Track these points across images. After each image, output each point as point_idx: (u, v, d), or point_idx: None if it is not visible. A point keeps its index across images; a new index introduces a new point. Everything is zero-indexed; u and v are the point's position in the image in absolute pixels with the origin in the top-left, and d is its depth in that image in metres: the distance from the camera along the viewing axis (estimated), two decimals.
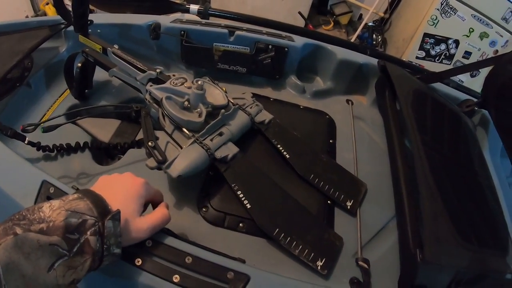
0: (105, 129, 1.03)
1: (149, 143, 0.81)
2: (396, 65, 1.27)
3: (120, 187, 0.62)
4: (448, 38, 2.87)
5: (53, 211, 0.49)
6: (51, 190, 0.70)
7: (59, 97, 1.13)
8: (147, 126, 0.86)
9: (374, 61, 1.33)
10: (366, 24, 3.14)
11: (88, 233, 0.50)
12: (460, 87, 1.53)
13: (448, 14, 2.77)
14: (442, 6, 2.74)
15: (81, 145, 0.95)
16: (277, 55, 1.23)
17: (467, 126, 1.28)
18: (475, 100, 1.37)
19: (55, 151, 0.93)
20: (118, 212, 0.54)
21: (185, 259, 0.64)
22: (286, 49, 1.25)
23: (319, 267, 0.79)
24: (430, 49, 2.94)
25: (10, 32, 1.15)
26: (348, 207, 0.94)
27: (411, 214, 0.89)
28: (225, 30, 1.23)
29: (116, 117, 1.07)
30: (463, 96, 1.40)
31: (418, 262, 0.76)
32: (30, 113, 1.07)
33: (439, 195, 0.88)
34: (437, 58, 2.96)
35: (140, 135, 1.02)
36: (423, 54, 2.94)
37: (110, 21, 1.25)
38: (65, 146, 0.93)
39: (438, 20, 2.79)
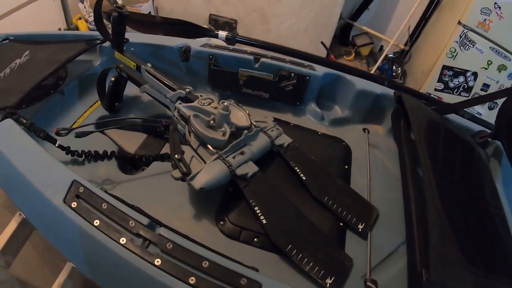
0: (131, 141, 1.10)
1: (176, 156, 0.88)
2: (411, 96, 1.32)
3: None
4: (467, 71, 2.89)
5: None
6: (81, 189, 0.77)
7: (90, 107, 1.22)
8: (174, 140, 0.93)
9: (391, 92, 1.38)
10: (386, 55, 3.19)
11: None
12: (474, 119, 1.56)
13: (467, 47, 2.80)
14: (461, 39, 2.78)
15: (108, 153, 1.01)
16: (298, 82, 1.30)
17: (480, 156, 1.31)
18: (488, 131, 1.41)
19: (83, 157, 1.01)
20: None
21: (202, 263, 0.68)
22: (307, 77, 1.31)
23: (328, 285, 0.83)
24: (449, 81, 2.95)
25: (46, 42, 1.25)
26: (360, 229, 0.98)
27: (419, 237, 0.93)
28: (251, 57, 1.30)
29: (143, 130, 1.15)
30: (477, 127, 1.44)
31: (423, 282, 0.79)
32: (61, 119, 1.16)
33: (447, 220, 0.92)
34: (456, 90, 2.97)
35: (165, 150, 1.09)
36: (441, 86, 2.96)
37: (143, 41, 1.34)
38: (93, 152, 1.00)
39: (457, 53, 2.82)
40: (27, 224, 1.10)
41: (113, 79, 1.14)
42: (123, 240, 0.69)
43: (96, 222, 0.72)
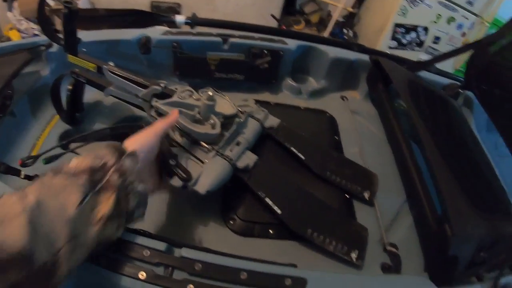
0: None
1: (171, 162, 0.77)
2: (387, 59, 1.31)
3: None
4: (418, 26, 2.96)
5: (79, 160, 0.56)
6: None
7: (48, 123, 1.07)
8: (164, 144, 0.81)
9: (363, 56, 1.38)
10: (336, 20, 3.19)
11: (109, 172, 0.56)
12: (441, 72, 1.60)
13: (416, 3, 2.87)
14: None
15: None
16: (272, 59, 1.25)
17: (455, 107, 1.35)
18: (458, 83, 1.45)
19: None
20: (134, 151, 0.62)
21: (239, 276, 0.63)
22: (281, 52, 1.27)
23: (354, 259, 0.82)
24: (402, 38, 3.02)
25: None
26: (367, 197, 0.99)
27: (425, 195, 0.96)
28: (219, 38, 1.23)
29: (113, 139, 1.01)
30: (444, 80, 1.48)
31: (449, 237, 0.80)
32: (19, 144, 0.99)
33: (450, 172, 0.94)
34: (409, 46, 3.05)
35: None
36: (395, 43, 3.02)
37: (95, 39, 1.19)
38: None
39: (407, 10, 2.88)
40: None
41: (70, 87, 1.01)
42: (142, 275, 0.60)
43: (102, 261, 0.62)
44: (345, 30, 3.25)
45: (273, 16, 2.96)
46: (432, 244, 0.91)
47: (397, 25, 2.95)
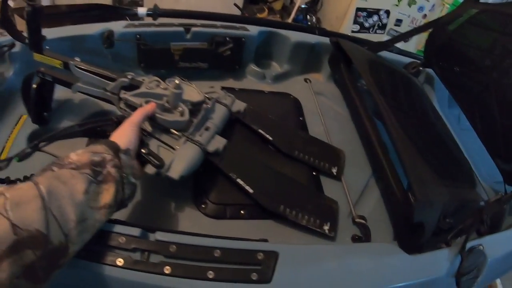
0: (73, 150, 0.96)
1: (143, 150, 0.79)
2: (347, 40, 1.35)
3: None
4: (379, 10, 3.02)
5: (78, 156, 0.61)
6: None
7: (16, 125, 1.04)
8: None
9: (323, 39, 1.41)
10: (299, 7, 3.23)
11: (108, 166, 0.62)
12: (402, 52, 1.66)
13: None
14: None
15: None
16: (235, 45, 1.27)
17: (416, 85, 1.41)
18: (418, 62, 1.51)
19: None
20: (128, 148, 0.70)
21: (213, 254, 0.65)
22: (243, 39, 1.29)
23: (327, 231, 0.87)
24: (364, 22, 3.08)
25: None
26: (334, 173, 1.03)
27: (390, 167, 1.01)
28: (181, 28, 1.23)
29: (82, 135, 0.97)
30: (405, 59, 1.54)
31: (412, 204, 0.86)
32: None
33: (412, 145, 1.00)
34: (371, 29, 3.12)
35: None
36: (357, 27, 3.08)
37: (58, 35, 1.18)
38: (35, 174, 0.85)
39: None
40: None
41: (35, 86, 0.98)
42: (120, 262, 0.61)
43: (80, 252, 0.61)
44: (308, 16, 3.29)
45: (236, 5, 2.96)
46: (398, 213, 0.97)
47: (359, 9, 3.00)
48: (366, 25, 3.09)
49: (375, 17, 3.07)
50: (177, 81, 0.88)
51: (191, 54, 1.26)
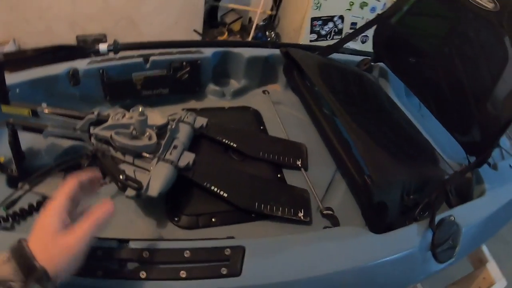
0: (51, 186, 0.92)
1: (121, 177, 0.86)
2: (296, 49, 1.46)
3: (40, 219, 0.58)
4: (333, 16, 3.17)
5: None
6: None
7: None
8: (111, 164, 0.91)
9: (276, 51, 1.51)
10: (257, 25, 3.35)
11: None
12: (354, 52, 1.78)
13: None
14: None
15: (35, 205, 0.92)
16: (192, 69, 1.35)
17: (369, 80, 1.53)
18: (369, 58, 1.63)
19: (10, 220, 0.88)
20: (42, 272, 0.50)
21: (184, 255, 0.71)
22: (198, 61, 1.37)
23: (302, 217, 0.96)
24: (320, 30, 3.22)
25: None
26: (299, 165, 1.13)
27: (349, 158, 1.10)
28: (140, 59, 1.31)
29: (61, 172, 1.01)
30: (358, 58, 1.67)
31: (370, 186, 0.95)
32: None
33: (366, 135, 1.09)
34: (329, 36, 3.26)
35: None
36: (315, 36, 3.22)
37: (27, 78, 1.21)
38: (18, 212, 0.89)
39: (321, 3, 3.08)
40: None
41: (9, 139, 1.00)
42: (99, 273, 0.67)
43: None
44: (267, 33, 3.42)
45: (196, 31, 3.07)
46: (362, 198, 1.05)
47: (314, 19, 3.14)
48: (323, 32, 3.23)
49: (330, 24, 3.21)
50: (140, 109, 0.93)
51: (152, 82, 1.33)
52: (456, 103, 1.24)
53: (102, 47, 1.46)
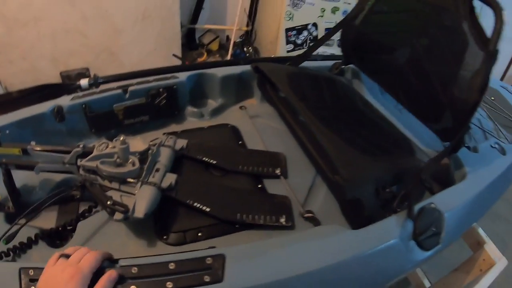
0: (47, 218, 1.08)
1: (108, 202, 0.94)
2: (265, 62, 1.54)
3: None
4: (307, 25, 3.26)
5: None
6: (31, 272, 0.77)
7: None
8: (98, 191, 0.99)
9: (249, 67, 1.58)
10: (234, 42, 3.45)
11: None
12: (326, 58, 1.87)
13: (299, 5, 3.18)
14: (292, 1, 3.14)
15: (33, 238, 0.99)
16: (168, 94, 1.43)
17: (341, 83, 1.60)
18: (339, 61, 1.72)
19: (12, 254, 0.95)
20: None
21: (168, 266, 0.77)
22: (174, 86, 1.45)
23: (284, 223, 1.01)
24: (296, 40, 3.32)
25: None
26: (278, 173, 1.19)
27: (323, 160, 1.17)
28: (119, 90, 1.38)
29: (53, 204, 1.09)
30: (332, 63, 1.75)
31: (341, 185, 1.01)
32: None
33: (336, 136, 1.15)
34: (305, 44, 3.36)
35: (82, 208, 1.08)
36: (291, 46, 3.32)
37: (15, 119, 1.27)
38: (18, 245, 0.96)
39: (293, 14, 3.18)
40: None
41: (3, 179, 1.08)
42: None
43: None
44: (245, 49, 3.51)
45: (175, 56, 3.15)
46: (338, 197, 1.12)
47: (288, 30, 3.24)
48: (299, 42, 3.33)
49: (305, 33, 3.30)
50: (121, 138, 1.01)
51: (132, 111, 1.40)
52: (425, 92, 1.29)
53: (83, 82, 1.54)
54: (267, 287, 0.80)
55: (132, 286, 0.74)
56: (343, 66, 1.73)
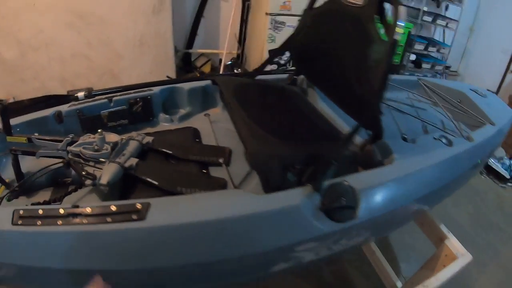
0: (44, 197, 1.38)
1: (83, 173, 1.29)
2: (223, 76, 1.88)
3: None
4: None
5: None
6: (21, 212, 1.06)
7: None
8: (78, 167, 1.34)
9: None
10: (225, 64, 3.83)
11: None
12: (283, 71, 2.16)
13: (280, 28, 3.54)
14: (273, 24, 3.49)
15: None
16: (144, 103, 1.80)
17: (291, 90, 1.90)
18: (292, 73, 2.01)
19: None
20: None
21: (110, 208, 1.06)
22: (149, 97, 1.81)
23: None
24: (279, 60, 3.61)
25: None
26: (222, 162, 1.50)
27: (244, 145, 1.46)
28: (106, 100, 1.75)
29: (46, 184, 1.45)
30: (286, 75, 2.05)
31: (246, 157, 1.30)
32: None
33: (261, 130, 1.42)
34: (288, 64, 3.61)
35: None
36: (275, 67, 3.61)
37: (23, 120, 1.62)
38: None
39: (274, 36, 3.54)
40: None
41: (12, 162, 1.41)
42: (60, 222, 1.03)
43: (39, 223, 1.03)
44: (235, 70, 3.88)
45: (168, 77, 3.53)
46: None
47: (271, 51, 3.57)
48: (282, 62, 3.61)
49: (287, 53, 3.60)
50: (99, 131, 1.39)
51: (115, 116, 1.76)
52: (348, 90, 1.46)
53: (80, 94, 1.92)
54: (177, 227, 1.07)
55: (87, 218, 1.05)
56: (295, 77, 2.02)
